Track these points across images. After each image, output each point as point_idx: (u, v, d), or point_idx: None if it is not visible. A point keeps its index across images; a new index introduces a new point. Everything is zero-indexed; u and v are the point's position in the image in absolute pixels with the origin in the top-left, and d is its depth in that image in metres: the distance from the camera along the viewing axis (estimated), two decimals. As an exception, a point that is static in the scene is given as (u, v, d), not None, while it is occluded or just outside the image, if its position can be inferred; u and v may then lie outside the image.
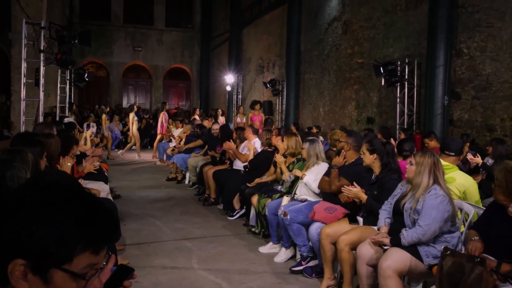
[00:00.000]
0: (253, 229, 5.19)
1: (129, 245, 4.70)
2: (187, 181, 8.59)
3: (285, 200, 4.56)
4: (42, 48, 7.67)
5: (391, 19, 9.36)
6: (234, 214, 5.94)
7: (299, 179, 4.55)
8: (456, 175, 3.63)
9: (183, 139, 9.65)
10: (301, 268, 4.00)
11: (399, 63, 8.57)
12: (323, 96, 12.00)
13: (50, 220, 0.84)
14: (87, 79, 12.50)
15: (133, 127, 12.21)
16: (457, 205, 3.20)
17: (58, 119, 9.94)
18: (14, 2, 9.67)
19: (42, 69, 7.81)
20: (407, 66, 8.51)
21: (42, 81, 7.84)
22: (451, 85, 7.66)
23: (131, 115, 12.25)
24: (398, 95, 8.75)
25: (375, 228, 3.32)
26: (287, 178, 4.73)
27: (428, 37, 7.80)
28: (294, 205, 4.30)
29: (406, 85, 8.56)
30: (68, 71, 11.35)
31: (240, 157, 6.37)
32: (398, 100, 8.77)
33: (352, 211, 3.77)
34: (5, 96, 12.95)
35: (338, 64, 11.27)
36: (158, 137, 12.25)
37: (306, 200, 4.38)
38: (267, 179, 5.54)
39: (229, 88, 17.23)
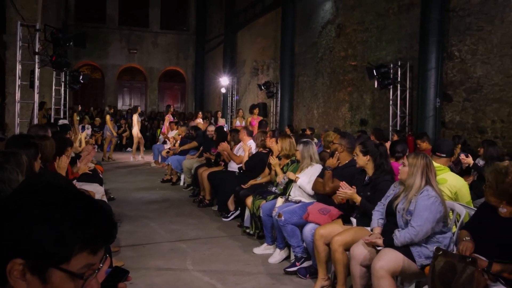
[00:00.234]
0: (247, 230, 5.20)
1: (124, 247, 4.70)
2: (182, 183, 8.59)
3: (280, 201, 4.59)
4: (37, 50, 7.64)
5: (383, 23, 9.43)
6: (228, 215, 5.96)
7: (293, 181, 4.58)
8: (447, 176, 3.66)
9: (178, 141, 9.66)
10: (295, 269, 4.02)
11: (391, 65, 8.64)
12: (317, 98, 12.05)
13: (49, 220, 0.85)
14: (82, 81, 12.44)
15: (135, 129, 12.18)
16: (449, 206, 3.24)
17: (53, 121, 9.91)
18: (9, 4, 9.63)
19: (37, 71, 7.77)
20: (399, 69, 8.57)
21: (37, 83, 7.81)
22: (443, 88, 7.73)
23: (135, 117, 12.21)
24: (391, 97, 8.82)
25: (368, 229, 3.36)
26: (281, 180, 4.76)
27: (420, 40, 7.87)
28: (288, 206, 4.33)
29: (399, 87, 8.62)
30: (63, 73, 11.31)
31: (234, 158, 6.38)
32: (391, 102, 8.84)
33: (345, 212, 3.80)
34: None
35: (332, 66, 11.32)
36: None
37: (300, 202, 4.41)
38: (261, 180, 5.56)
39: (224, 91, 17.24)
